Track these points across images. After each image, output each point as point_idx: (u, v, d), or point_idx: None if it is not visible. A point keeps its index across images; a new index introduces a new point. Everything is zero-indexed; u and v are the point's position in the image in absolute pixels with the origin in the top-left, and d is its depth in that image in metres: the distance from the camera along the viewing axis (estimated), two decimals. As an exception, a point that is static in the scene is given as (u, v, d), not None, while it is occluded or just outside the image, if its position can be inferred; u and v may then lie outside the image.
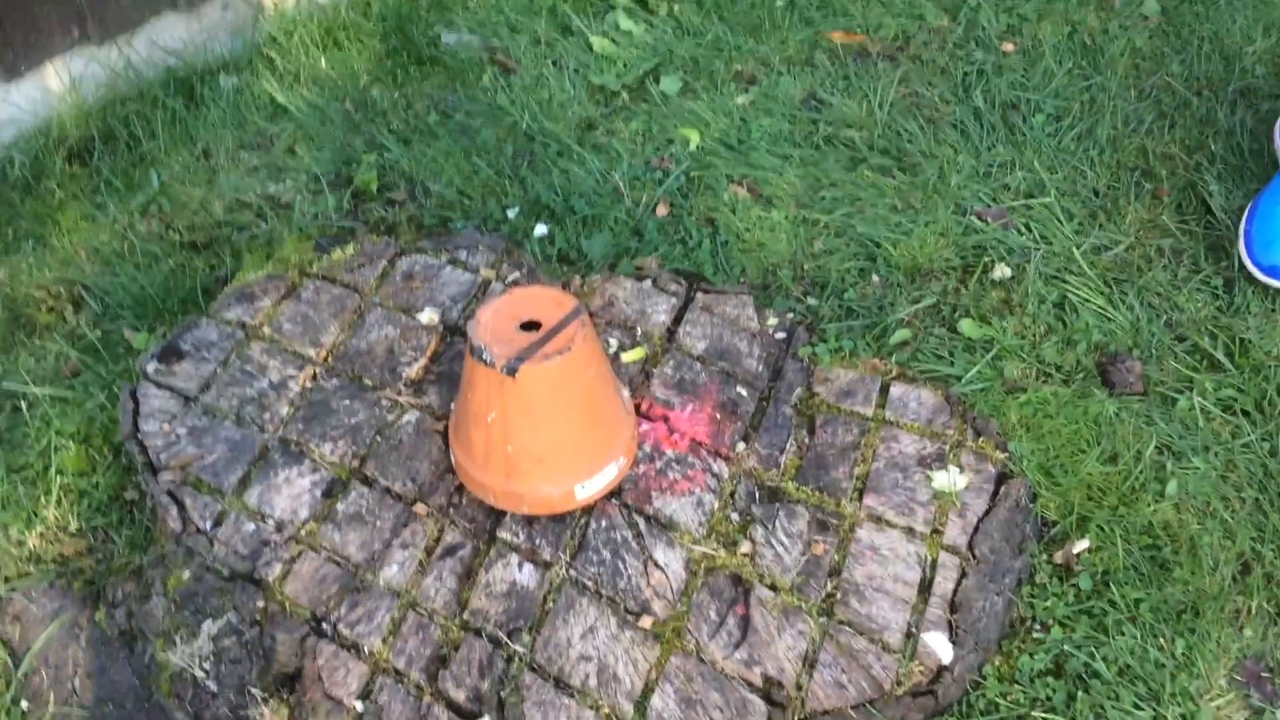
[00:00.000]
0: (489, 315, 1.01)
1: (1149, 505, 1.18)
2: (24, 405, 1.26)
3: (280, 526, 1.06)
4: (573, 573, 1.04)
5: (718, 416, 1.18)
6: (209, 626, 1.00)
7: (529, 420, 1.00)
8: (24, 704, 1.05)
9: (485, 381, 0.99)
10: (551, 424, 1.00)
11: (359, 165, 1.57)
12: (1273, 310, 1.38)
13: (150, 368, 1.18)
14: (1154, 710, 1.04)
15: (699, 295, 1.29)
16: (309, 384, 1.17)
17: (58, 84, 1.64)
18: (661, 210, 1.51)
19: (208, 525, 1.06)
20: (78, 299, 1.42)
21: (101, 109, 1.66)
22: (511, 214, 1.49)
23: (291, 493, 1.08)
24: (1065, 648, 1.08)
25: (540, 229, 1.47)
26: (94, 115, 1.65)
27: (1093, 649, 1.08)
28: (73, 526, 1.16)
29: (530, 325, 1.01)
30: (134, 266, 1.44)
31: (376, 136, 1.62)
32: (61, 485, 1.18)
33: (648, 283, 1.30)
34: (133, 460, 1.12)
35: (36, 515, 1.17)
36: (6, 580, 1.12)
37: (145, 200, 1.53)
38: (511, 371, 0.97)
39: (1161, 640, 1.09)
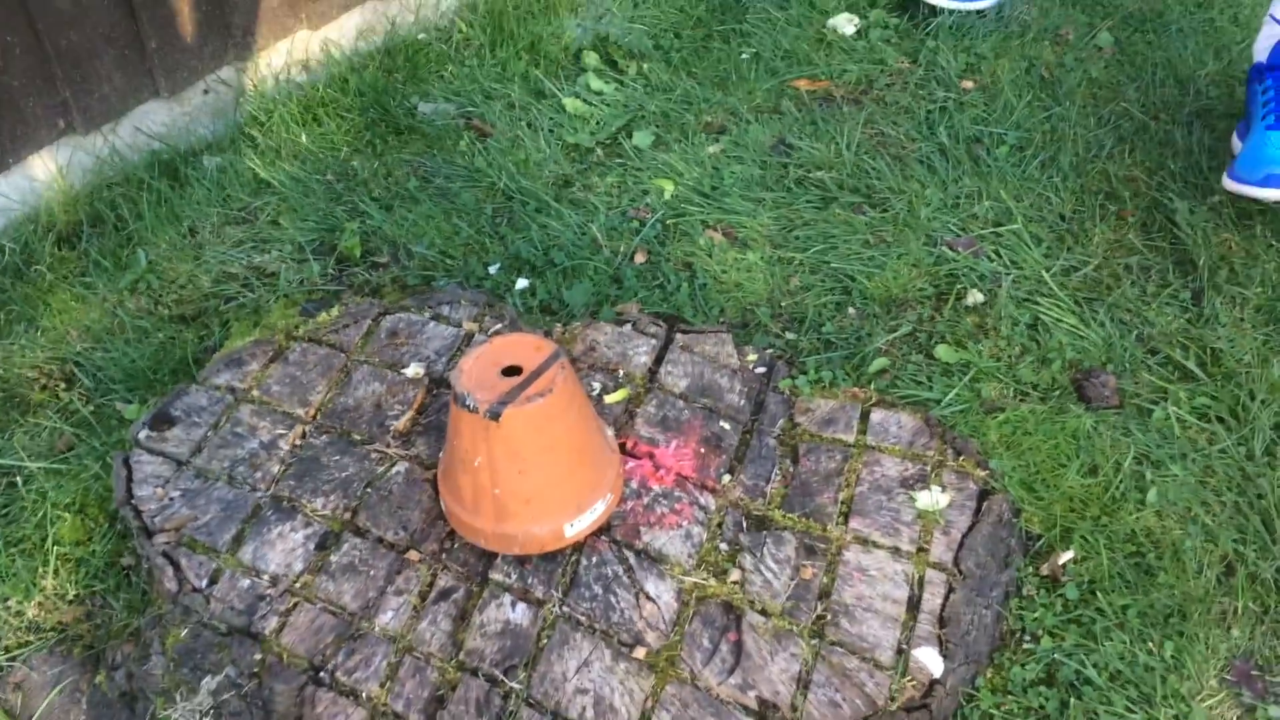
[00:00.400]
0: (470, 363, 1.04)
1: (1131, 514, 1.20)
2: (20, 480, 1.28)
3: (275, 581, 1.07)
4: (565, 609, 1.05)
5: (702, 451, 1.20)
6: (208, 682, 1.01)
7: (515, 463, 1.02)
8: (27, 772, 1.06)
9: (470, 428, 1.01)
10: (537, 465, 1.02)
11: (342, 232, 1.61)
12: (1241, 320, 1.41)
13: (142, 435, 1.20)
14: (1147, 713, 1.05)
15: (678, 335, 1.32)
16: (299, 442, 1.19)
17: (44, 173, 1.68)
18: (639, 258, 1.55)
19: (203, 584, 1.07)
20: (70, 376, 1.45)
21: (89, 194, 1.71)
22: (493, 270, 1.53)
23: (285, 547, 1.10)
24: (1056, 656, 1.09)
25: (521, 282, 1.50)
26: (81, 200, 1.69)
27: (1083, 656, 1.09)
28: (70, 594, 1.17)
29: (511, 370, 1.03)
30: (124, 342, 1.47)
31: (359, 204, 1.66)
32: (59, 555, 1.19)
33: (628, 326, 1.33)
34: (128, 526, 1.14)
35: (35, 585, 1.18)
36: (7, 650, 1.13)
37: (134, 278, 1.57)
38: (495, 416, 0.99)
39: (1150, 644, 1.10)
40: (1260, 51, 1.55)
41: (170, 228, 1.65)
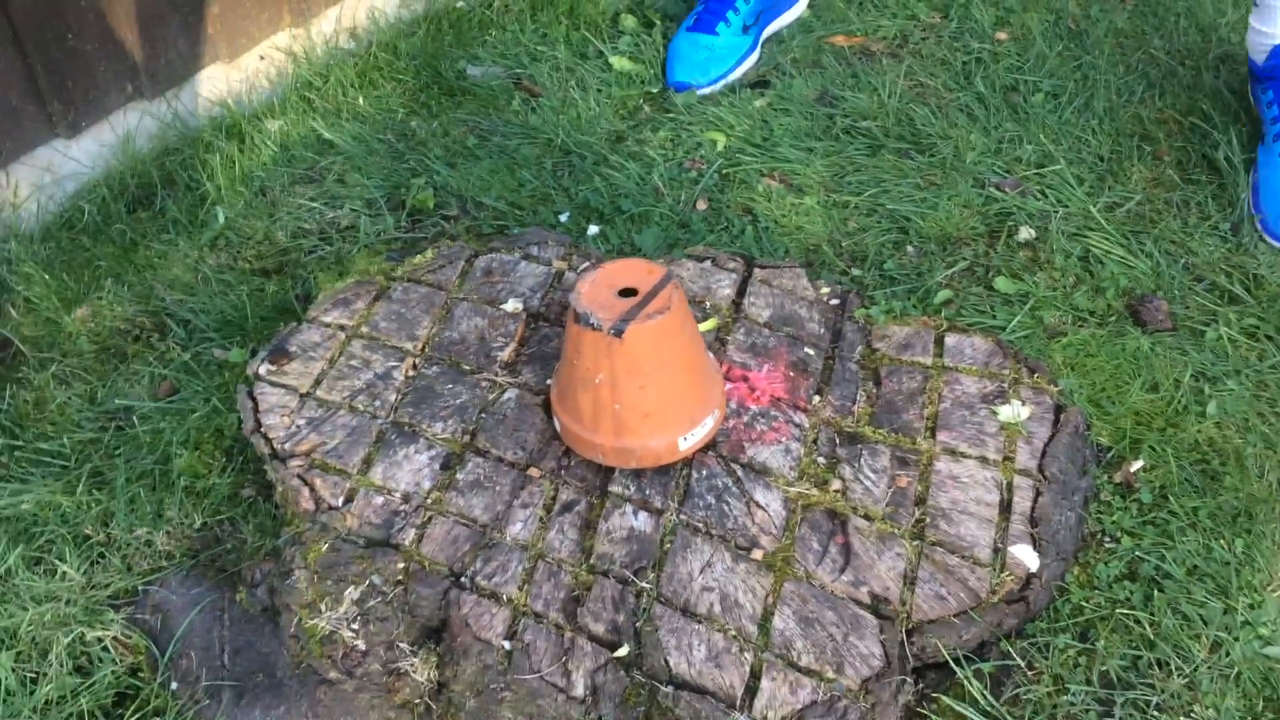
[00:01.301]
0: (588, 286, 1.10)
1: (1193, 425, 1.28)
2: (136, 420, 1.33)
3: (407, 498, 1.13)
4: (683, 517, 1.12)
5: (791, 375, 1.27)
6: (351, 592, 1.07)
7: (636, 378, 1.08)
8: (173, 685, 1.11)
9: (592, 346, 1.08)
10: (656, 380, 1.09)
11: (408, 189, 1.66)
12: (1278, 249, 1.49)
13: (263, 369, 1.26)
14: (1225, 602, 1.13)
15: (756, 271, 1.39)
16: (411, 372, 1.25)
17: (113, 138, 1.73)
18: (701, 205, 1.61)
19: (340, 502, 1.13)
20: (161, 327, 1.50)
21: (157, 157, 1.75)
22: (564, 218, 1.59)
23: (412, 467, 1.16)
24: (1136, 554, 1.17)
25: (593, 229, 1.56)
26: (151, 164, 1.73)
27: (1162, 553, 1.17)
28: (198, 523, 1.22)
29: (627, 292, 1.10)
30: (210, 295, 1.52)
31: (422, 162, 1.72)
32: (182, 487, 1.25)
33: (708, 263, 1.39)
34: (259, 453, 1.19)
35: (161, 516, 1.23)
36: (142, 575, 1.18)
37: (213, 235, 1.61)
38: (618, 333, 1.06)
39: (1223, 541, 1.18)
40: (1254, 50, 1.63)
41: (242, 187, 1.69)
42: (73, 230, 1.65)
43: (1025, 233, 1.53)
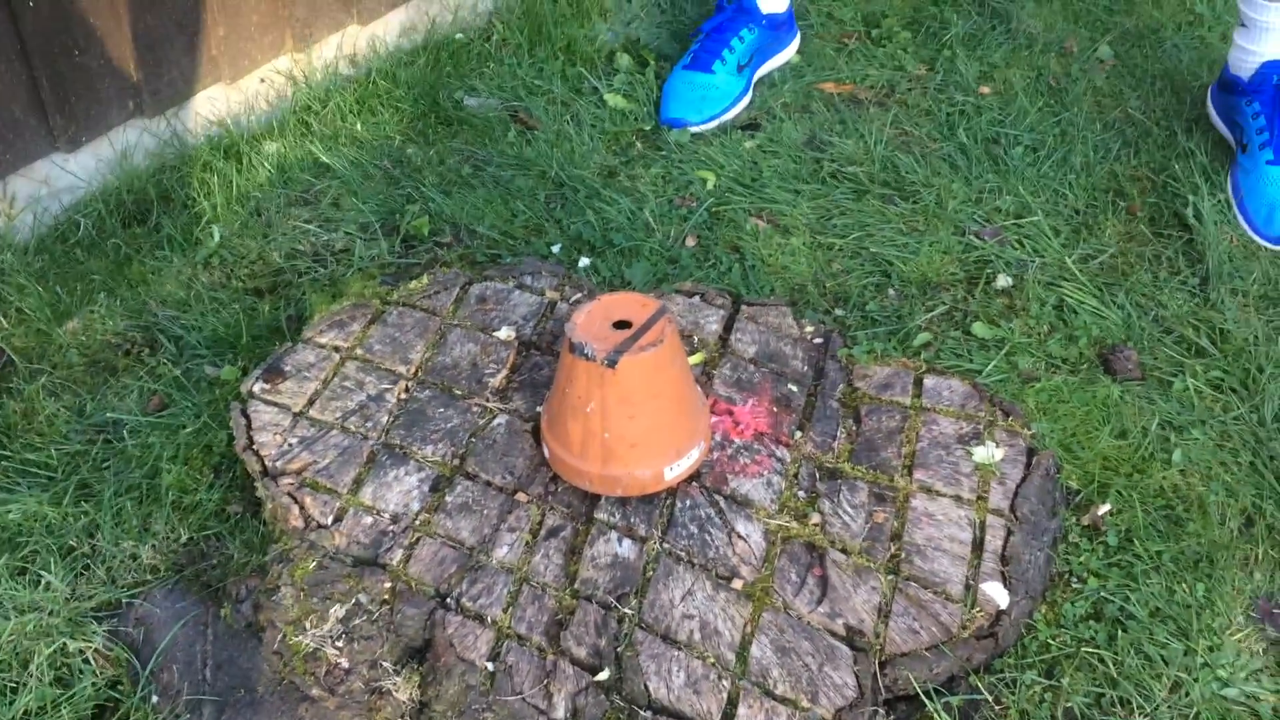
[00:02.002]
0: (583, 317, 1.13)
1: (1159, 472, 1.33)
2: (125, 434, 1.34)
3: (396, 519, 1.15)
4: (666, 545, 1.14)
5: (774, 410, 1.30)
6: (337, 610, 1.09)
7: (626, 408, 1.11)
8: (154, 698, 1.13)
9: (585, 375, 1.11)
10: (646, 411, 1.12)
11: (403, 214, 1.69)
12: (1246, 305, 1.54)
13: (256, 387, 1.28)
14: (1185, 644, 1.17)
15: (743, 307, 1.43)
16: (404, 395, 1.28)
17: (111, 153, 1.75)
18: (690, 242, 1.65)
19: (329, 520, 1.15)
20: (153, 342, 1.51)
21: (154, 174, 1.77)
22: (555, 249, 1.62)
23: (402, 489, 1.18)
24: (1102, 595, 1.21)
25: (584, 261, 1.60)
26: (148, 180, 1.75)
27: (1126, 594, 1.20)
28: (184, 538, 1.24)
29: (621, 324, 1.13)
30: (202, 312, 1.54)
31: (417, 189, 1.75)
32: (170, 502, 1.26)
33: (697, 298, 1.43)
34: (250, 470, 1.21)
35: (148, 531, 1.25)
36: (126, 589, 1.19)
37: (207, 253, 1.64)
38: (612, 364, 1.09)
39: (1184, 585, 1.22)
40: (1238, 65, 1.73)
41: (238, 206, 1.72)
42: (67, 243, 1.67)
43: (1003, 280, 1.58)
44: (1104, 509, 1.28)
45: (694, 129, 1.87)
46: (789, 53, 2.04)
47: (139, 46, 1.68)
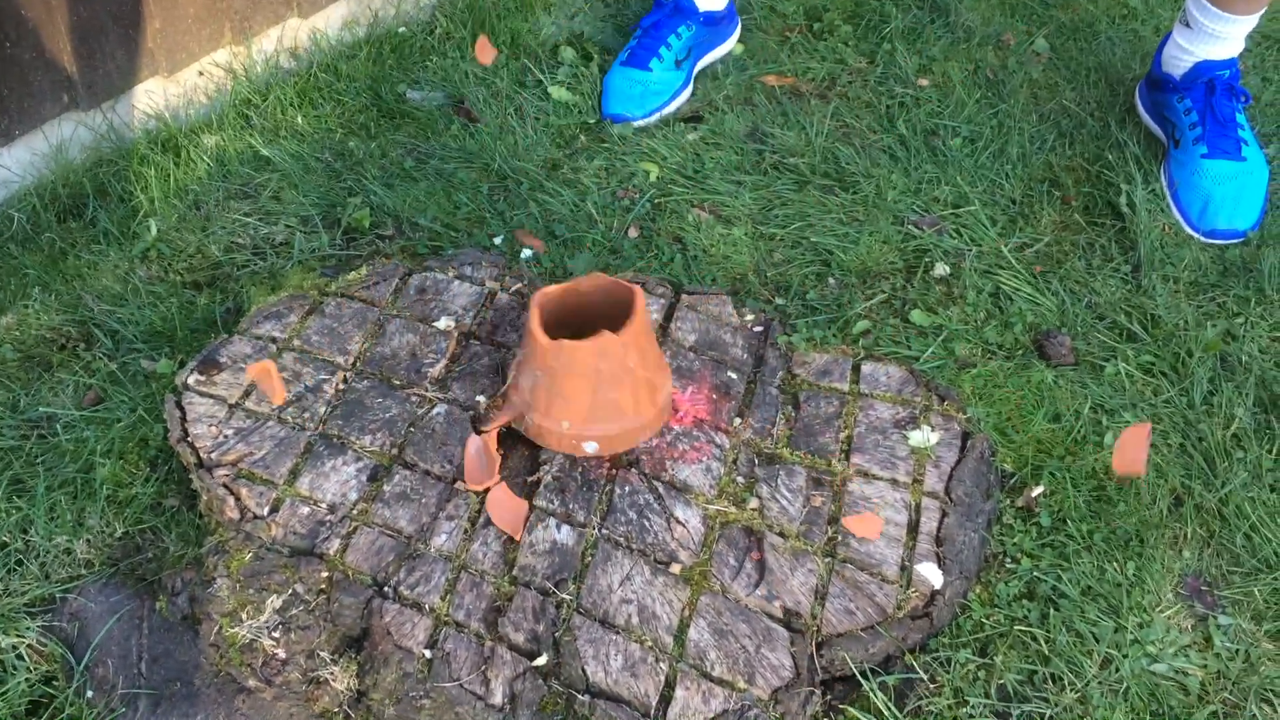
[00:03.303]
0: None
1: (1091, 454, 1.35)
2: (59, 429, 1.33)
3: (333, 508, 1.15)
4: (605, 531, 1.15)
5: (714, 397, 1.31)
6: (274, 601, 1.08)
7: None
8: (89, 693, 1.11)
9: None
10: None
11: (345, 207, 1.69)
12: (1176, 292, 1.58)
13: (191, 379, 1.27)
14: (1116, 621, 1.19)
15: (684, 296, 1.43)
16: (342, 386, 1.27)
17: (46, 147, 1.72)
18: (633, 233, 1.66)
19: (265, 511, 1.14)
20: (88, 337, 1.50)
21: (90, 168, 1.75)
22: (498, 240, 1.62)
23: (339, 479, 1.18)
24: (1035, 575, 1.23)
25: (526, 251, 1.60)
26: (85, 174, 1.73)
27: (1058, 574, 1.23)
28: (119, 532, 1.23)
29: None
30: (139, 306, 1.52)
31: (359, 181, 1.74)
32: (105, 496, 1.25)
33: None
34: (184, 462, 1.20)
35: (81, 525, 1.23)
36: (60, 584, 1.18)
37: (144, 247, 1.62)
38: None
39: (1115, 564, 1.25)
40: (1170, 63, 1.77)
41: (176, 200, 1.70)
42: (0, 238, 1.64)
43: (940, 269, 1.60)
44: (1037, 491, 1.31)
45: (636, 124, 1.88)
46: (730, 44, 2.05)
47: (74, 39, 1.66)
